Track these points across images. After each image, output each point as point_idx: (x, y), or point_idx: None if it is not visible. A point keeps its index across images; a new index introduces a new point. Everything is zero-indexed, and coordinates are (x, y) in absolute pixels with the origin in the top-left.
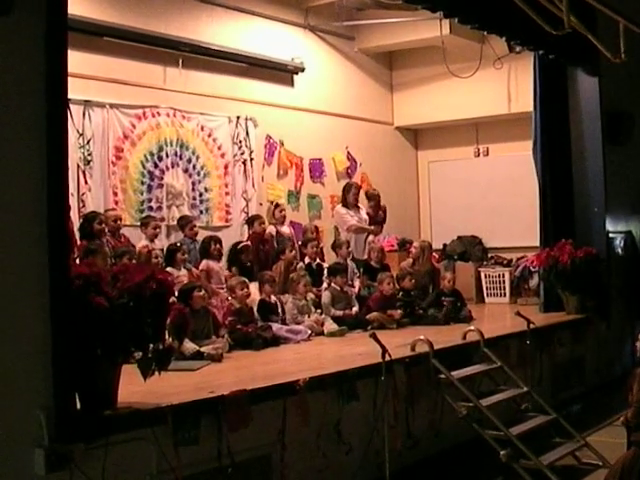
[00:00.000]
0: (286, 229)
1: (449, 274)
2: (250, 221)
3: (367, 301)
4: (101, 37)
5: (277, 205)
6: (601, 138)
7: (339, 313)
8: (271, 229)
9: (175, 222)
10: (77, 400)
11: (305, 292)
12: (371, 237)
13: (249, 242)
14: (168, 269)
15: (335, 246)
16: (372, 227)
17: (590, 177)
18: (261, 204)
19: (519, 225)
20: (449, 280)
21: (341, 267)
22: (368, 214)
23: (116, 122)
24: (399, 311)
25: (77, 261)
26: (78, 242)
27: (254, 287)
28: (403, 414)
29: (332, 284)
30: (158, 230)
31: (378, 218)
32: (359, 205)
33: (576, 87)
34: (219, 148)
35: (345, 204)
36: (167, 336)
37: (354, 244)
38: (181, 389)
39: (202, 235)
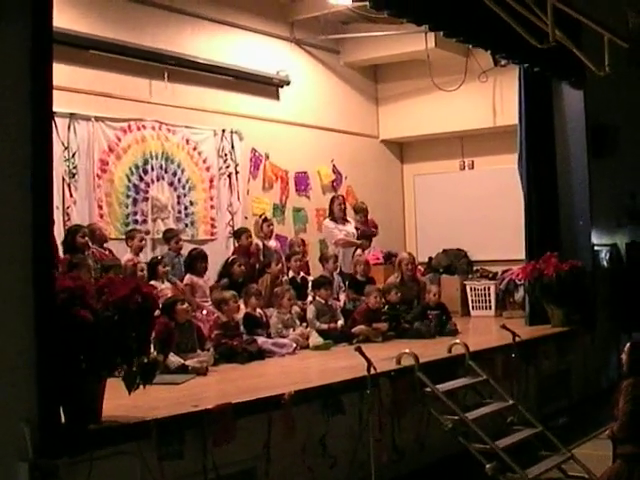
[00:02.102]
0: (273, 243)
1: (434, 287)
2: (237, 234)
3: (352, 314)
4: (87, 50)
5: (266, 219)
6: (586, 151)
7: (324, 326)
8: (258, 242)
9: (160, 235)
10: (62, 414)
11: (290, 306)
12: (359, 251)
13: (234, 254)
14: (151, 282)
15: (322, 259)
16: (360, 241)
17: (575, 190)
18: (246, 217)
19: (504, 238)
20: (434, 293)
21: (325, 280)
22: (357, 228)
23: (101, 135)
24: (386, 324)
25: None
26: (62, 256)
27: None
28: (389, 427)
29: (317, 297)
30: (144, 243)
31: (368, 232)
32: (347, 219)
33: (561, 100)
34: (204, 161)
35: (332, 217)
36: (152, 350)
37: (342, 258)
38: (166, 403)
39: (187, 249)
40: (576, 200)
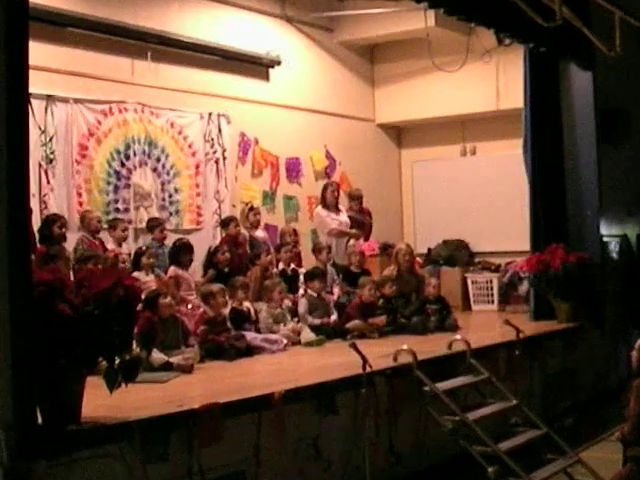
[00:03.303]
0: (260, 233)
1: (434, 280)
2: (225, 223)
3: (346, 308)
4: (65, 27)
5: (252, 208)
6: (595, 136)
7: (317, 321)
8: (245, 233)
9: (143, 225)
10: (39, 414)
11: (280, 299)
12: (352, 241)
13: (222, 244)
14: (134, 274)
15: (315, 250)
16: (354, 231)
17: (583, 177)
18: (234, 206)
19: (508, 228)
20: (434, 286)
21: (318, 272)
22: (350, 217)
23: (80, 118)
24: (382, 317)
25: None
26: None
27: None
28: (385, 428)
29: (309, 291)
30: (126, 233)
31: (363, 221)
32: (339, 207)
33: (569, 82)
34: (190, 146)
35: (325, 205)
36: (134, 346)
37: (335, 249)
38: (149, 402)
39: (171, 239)
40: (584, 188)
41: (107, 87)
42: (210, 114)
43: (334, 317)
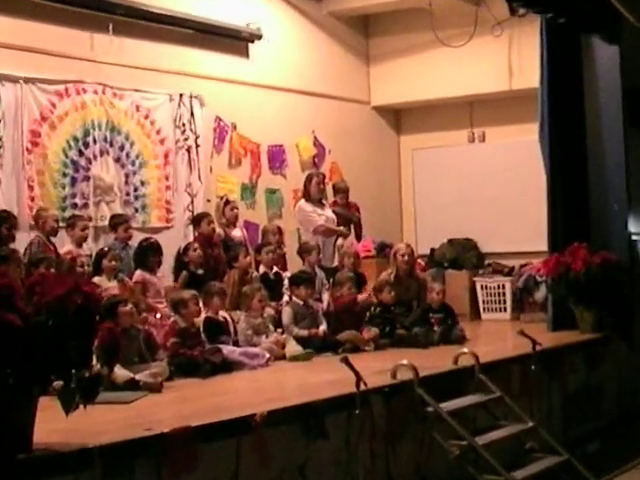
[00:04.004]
0: (237, 232)
1: (438, 285)
2: (196, 220)
3: (336, 316)
4: None
5: (227, 202)
6: (622, 119)
7: (303, 333)
8: (220, 232)
9: (104, 223)
10: None
11: (262, 308)
12: (340, 240)
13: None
14: (95, 279)
15: (303, 251)
16: (343, 228)
17: (609, 167)
18: (209, 200)
19: (522, 226)
20: (438, 292)
21: (306, 277)
22: (335, 212)
23: (32, 100)
24: (374, 329)
25: None
26: None
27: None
28: (382, 455)
29: (294, 298)
30: (86, 232)
31: (350, 217)
32: (323, 201)
33: (592, 58)
34: (158, 132)
35: (309, 199)
36: (94, 362)
37: (321, 248)
38: (112, 426)
39: (137, 239)
40: (609, 179)
41: (63, 65)
42: (181, 96)
43: (323, 327)
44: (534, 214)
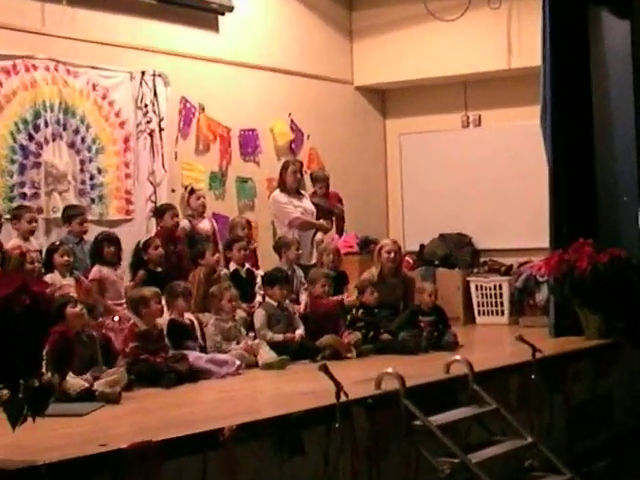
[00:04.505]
0: (206, 224)
1: (428, 285)
2: (159, 213)
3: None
4: None
5: (193, 191)
6: (634, 102)
7: (278, 338)
8: (185, 224)
9: (57, 214)
10: None
11: (232, 310)
12: (319, 235)
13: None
14: (47, 277)
15: (280, 246)
16: (322, 222)
17: (618, 154)
18: (174, 190)
19: (522, 220)
20: (430, 294)
21: (281, 275)
22: (314, 204)
23: None
24: (356, 334)
25: None
26: None
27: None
28: (365, 473)
29: (268, 298)
30: (35, 225)
31: (331, 209)
32: (302, 192)
33: (600, 33)
34: (117, 115)
35: (284, 189)
36: (44, 369)
37: None
38: (63, 441)
39: (94, 232)
40: (619, 168)
41: (10, 38)
42: (143, 73)
43: (300, 332)
44: (535, 207)
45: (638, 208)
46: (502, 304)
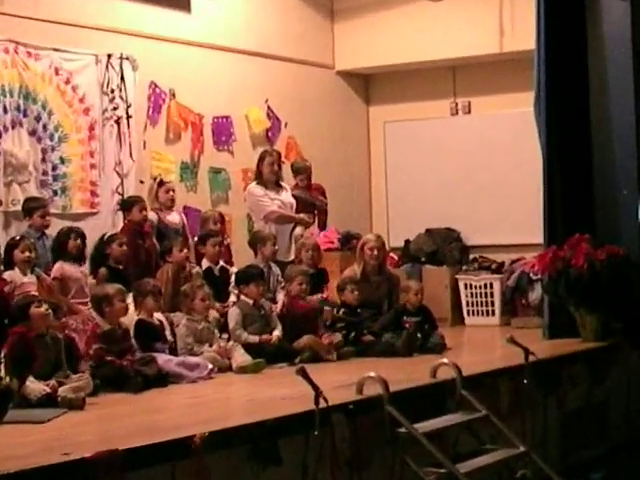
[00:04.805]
0: (175, 217)
1: (415, 284)
2: (126, 205)
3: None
4: None
5: (162, 183)
6: (633, 88)
7: (254, 339)
8: (152, 217)
9: (17, 207)
10: None
11: (204, 310)
12: (298, 230)
13: (122, 233)
14: (6, 274)
15: (255, 242)
16: (302, 216)
17: (617, 144)
18: (142, 182)
19: (514, 214)
20: (416, 293)
21: (257, 272)
22: (295, 197)
23: None
24: (336, 335)
25: None
26: None
27: (129, 301)
28: None
29: (243, 297)
30: None
31: (313, 201)
32: (282, 183)
33: (598, 15)
34: (82, 100)
35: (261, 181)
36: (3, 373)
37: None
38: (23, 450)
39: (56, 226)
40: (618, 159)
41: None
42: (109, 57)
43: (277, 333)
44: (528, 200)
45: (638, 202)
46: (493, 304)
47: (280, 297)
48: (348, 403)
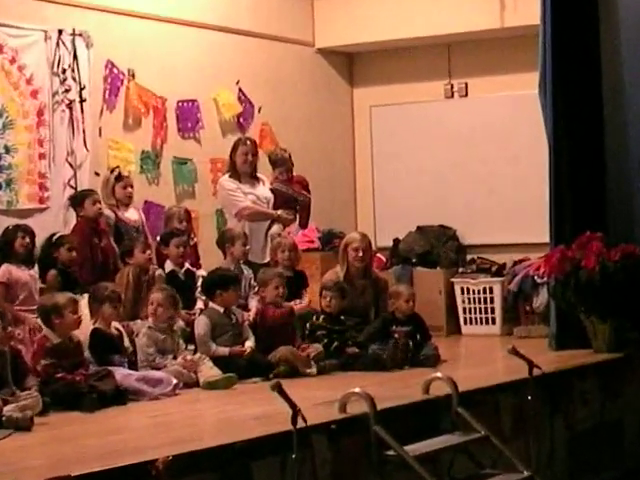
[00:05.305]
0: (133, 214)
1: (406, 289)
2: (76, 201)
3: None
4: None
5: (120, 177)
6: None
7: (224, 351)
8: (109, 214)
9: None
10: None
11: (168, 318)
12: (276, 228)
13: (74, 233)
14: None
15: (224, 241)
16: (281, 212)
17: (633, 132)
18: (98, 174)
19: (517, 209)
20: (407, 299)
21: (227, 276)
22: (273, 190)
23: None
24: (317, 346)
25: None
26: None
27: (83, 307)
28: None
29: (211, 304)
30: None
31: (294, 196)
32: (258, 175)
33: None
34: (29, 82)
35: (234, 173)
36: None
37: (249, 239)
38: None
39: (1, 225)
40: (634, 149)
41: None
42: (60, 32)
43: (250, 344)
44: (533, 194)
45: None
46: (493, 310)
47: (253, 304)
48: (330, 423)
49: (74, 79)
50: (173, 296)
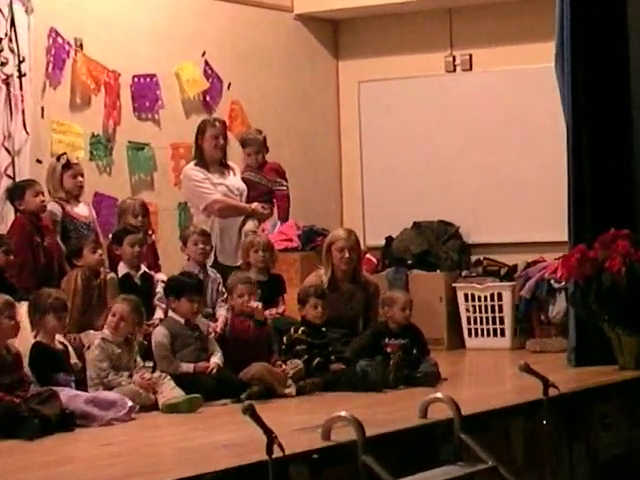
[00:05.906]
0: (83, 209)
1: (402, 296)
2: (15, 193)
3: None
4: None
5: (69, 165)
6: None
7: (187, 368)
8: (55, 208)
9: None
10: None
11: (123, 328)
12: (251, 224)
13: (13, 230)
14: None
15: (185, 240)
16: (255, 205)
17: None
18: (40, 161)
19: (530, 203)
20: (404, 307)
21: (191, 282)
22: (245, 180)
23: None
24: (295, 362)
25: None
26: None
27: (23, 316)
28: None
29: (172, 313)
30: None
31: (270, 186)
32: (229, 163)
33: None
34: None
35: (201, 161)
36: None
37: (218, 237)
38: None
39: None
40: None
41: None
42: None
43: (217, 360)
44: (548, 185)
45: None
46: (502, 320)
47: (221, 313)
48: (311, 452)
49: (11, 50)
50: (139, 309)
